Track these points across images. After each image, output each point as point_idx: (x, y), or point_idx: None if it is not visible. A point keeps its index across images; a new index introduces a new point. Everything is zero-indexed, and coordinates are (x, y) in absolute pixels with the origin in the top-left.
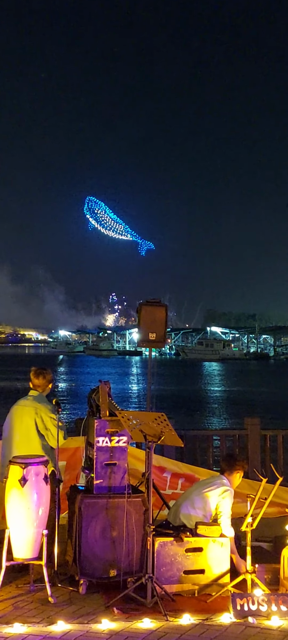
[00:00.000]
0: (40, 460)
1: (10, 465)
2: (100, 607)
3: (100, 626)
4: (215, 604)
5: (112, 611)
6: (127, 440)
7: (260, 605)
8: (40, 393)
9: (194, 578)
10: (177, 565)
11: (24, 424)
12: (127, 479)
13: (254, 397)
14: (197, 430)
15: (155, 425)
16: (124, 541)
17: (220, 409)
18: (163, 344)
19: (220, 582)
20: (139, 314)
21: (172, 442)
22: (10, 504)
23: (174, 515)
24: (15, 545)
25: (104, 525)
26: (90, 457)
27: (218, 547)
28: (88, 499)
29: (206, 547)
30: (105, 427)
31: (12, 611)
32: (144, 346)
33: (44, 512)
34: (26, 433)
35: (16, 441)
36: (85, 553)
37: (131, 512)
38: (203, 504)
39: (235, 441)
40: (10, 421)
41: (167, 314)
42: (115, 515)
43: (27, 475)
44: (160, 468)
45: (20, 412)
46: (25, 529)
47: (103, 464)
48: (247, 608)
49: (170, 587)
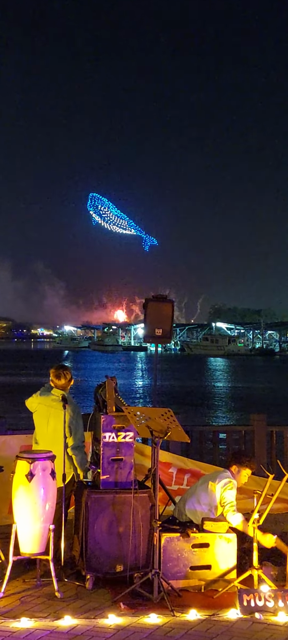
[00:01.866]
0: (47, 455)
1: (18, 460)
2: (107, 602)
3: (106, 621)
4: (221, 599)
5: (119, 606)
6: (133, 436)
7: (267, 601)
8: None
9: (201, 574)
10: (184, 561)
11: (51, 425)
12: (133, 475)
13: (260, 393)
14: (203, 426)
15: (161, 420)
16: (131, 536)
17: (225, 405)
18: (170, 339)
19: (227, 578)
20: (145, 309)
21: (179, 438)
22: (17, 499)
23: (179, 511)
24: (22, 540)
25: (110, 520)
26: (97, 452)
27: (225, 543)
28: (95, 494)
29: (213, 542)
30: (111, 423)
31: (19, 606)
32: (150, 342)
33: (51, 507)
34: (53, 433)
35: (46, 441)
36: (92, 548)
37: (137, 508)
38: (209, 499)
39: (241, 437)
40: (37, 419)
41: (174, 310)
42: (122, 511)
43: (34, 470)
44: (166, 464)
45: (45, 412)
46: (32, 524)
47: (109, 459)
48: (254, 604)
49: (176, 582)
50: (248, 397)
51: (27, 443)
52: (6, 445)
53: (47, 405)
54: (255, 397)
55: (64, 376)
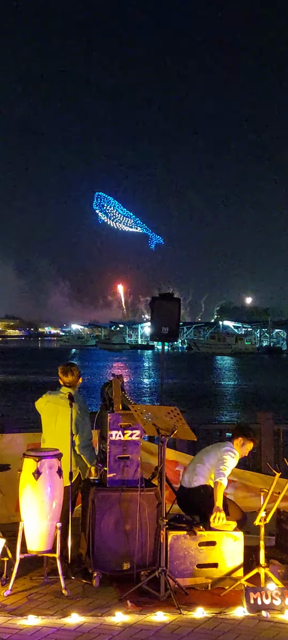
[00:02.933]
0: (54, 453)
1: (24, 458)
2: (114, 600)
3: (113, 619)
4: (228, 597)
5: (126, 604)
6: (140, 434)
7: (274, 600)
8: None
9: (207, 572)
10: (190, 559)
11: (59, 423)
12: (140, 473)
13: (267, 392)
14: (209, 425)
15: (168, 419)
16: (137, 534)
17: (232, 403)
18: (176, 338)
19: (234, 576)
20: (152, 308)
21: (185, 436)
22: (24, 497)
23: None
24: (29, 538)
25: (117, 518)
26: (104, 450)
27: (232, 541)
28: (101, 492)
29: (219, 541)
30: (118, 421)
31: (26, 603)
32: (157, 340)
33: (58, 505)
34: (60, 431)
35: (53, 439)
36: (99, 546)
37: (144, 506)
38: (211, 461)
39: None
40: (44, 418)
41: (180, 308)
42: (129, 509)
43: (41, 469)
44: (172, 462)
45: (53, 410)
46: (39, 521)
47: (116, 457)
48: (261, 602)
49: (183, 580)
50: (255, 395)
51: (34, 441)
52: (13, 443)
53: (55, 403)
54: (262, 395)
55: (71, 372)
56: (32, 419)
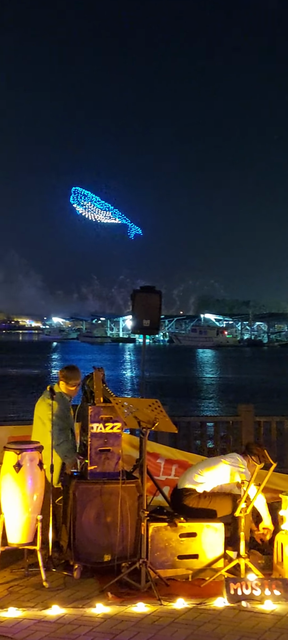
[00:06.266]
0: (34, 446)
1: (5, 451)
2: (95, 592)
3: (94, 610)
4: (208, 588)
5: (107, 595)
6: (121, 427)
7: (254, 590)
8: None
9: (188, 563)
10: (171, 550)
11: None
12: (121, 465)
13: (248, 384)
14: (190, 417)
15: (149, 411)
16: (118, 526)
17: (214, 396)
18: (158, 330)
19: (214, 567)
20: (133, 301)
21: (166, 429)
22: (4, 490)
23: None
24: (10, 531)
25: (98, 510)
26: (85, 443)
27: (212, 532)
28: (82, 485)
29: (200, 532)
30: (99, 414)
31: (7, 595)
32: (138, 333)
33: (39, 497)
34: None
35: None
36: (80, 538)
37: (125, 498)
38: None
39: (229, 427)
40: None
41: (161, 300)
42: (110, 501)
43: (21, 461)
44: (154, 454)
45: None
46: (20, 514)
47: (97, 450)
48: (241, 592)
49: (164, 571)
50: (236, 387)
51: (15, 434)
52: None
53: (41, 399)
54: (243, 387)
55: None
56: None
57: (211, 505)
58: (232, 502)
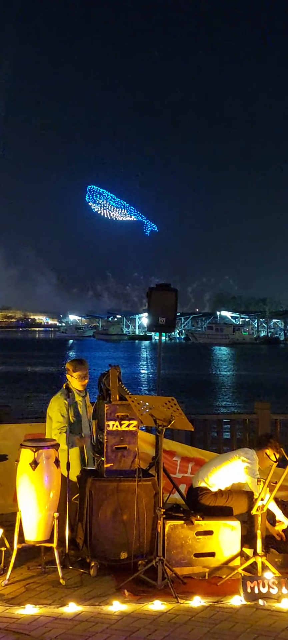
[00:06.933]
0: (51, 443)
1: (22, 448)
2: (111, 589)
3: (111, 608)
4: (225, 586)
5: (123, 593)
6: (137, 424)
7: (271, 588)
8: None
9: (205, 561)
10: (188, 548)
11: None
12: (137, 463)
13: (264, 382)
14: (207, 415)
15: (165, 409)
16: (135, 524)
17: (230, 393)
18: (173, 328)
19: (231, 565)
20: (149, 298)
21: (182, 426)
22: (21, 487)
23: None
24: (27, 528)
25: (114, 508)
26: (101, 441)
27: (229, 530)
28: (99, 483)
29: (217, 530)
30: (115, 411)
31: (24, 593)
32: (154, 331)
33: (55, 494)
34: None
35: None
36: (96, 536)
37: (141, 496)
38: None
39: (245, 425)
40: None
41: (177, 298)
42: (126, 499)
43: (38, 459)
44: (170, 452)
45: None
46: (37, 511)
47: (113, 447)
48: (258, 591)
49: (180, 569)
50: (252, 385)
51: (32, 432)
52: (11, 433)
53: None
54: (260, 385)
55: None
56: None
57: (228, 503)
58: (248, 499)
